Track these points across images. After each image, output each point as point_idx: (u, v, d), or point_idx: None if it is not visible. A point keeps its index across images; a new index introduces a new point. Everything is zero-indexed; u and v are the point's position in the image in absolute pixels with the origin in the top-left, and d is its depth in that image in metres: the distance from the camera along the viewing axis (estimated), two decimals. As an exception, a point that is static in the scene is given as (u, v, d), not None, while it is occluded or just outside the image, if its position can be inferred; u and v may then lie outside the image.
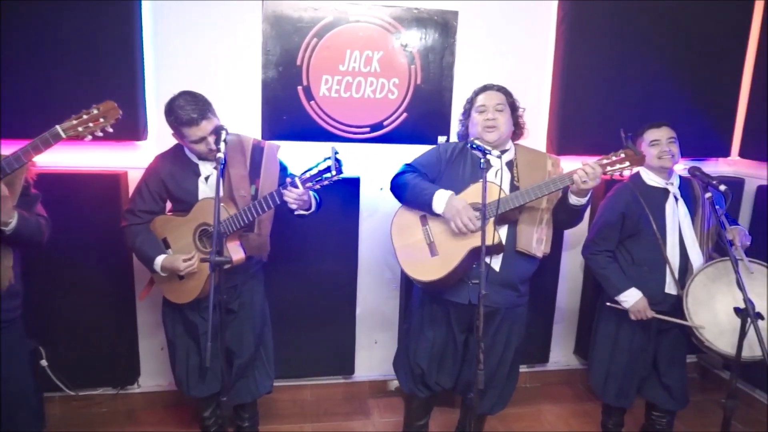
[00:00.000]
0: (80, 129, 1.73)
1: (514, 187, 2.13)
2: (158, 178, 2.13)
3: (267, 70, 2.65)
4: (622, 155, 1.96)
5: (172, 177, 2.12)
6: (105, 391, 2.80)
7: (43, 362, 2.56)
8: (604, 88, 2.89)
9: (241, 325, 2.28)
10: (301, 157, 2.50)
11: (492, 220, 1.93)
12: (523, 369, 3.20)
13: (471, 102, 2.26)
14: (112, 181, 2.52)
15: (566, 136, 2.88)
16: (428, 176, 2.22)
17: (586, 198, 2.05)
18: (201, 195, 2.11)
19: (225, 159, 1.82)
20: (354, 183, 2.77)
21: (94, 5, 2.36)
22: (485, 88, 2.25)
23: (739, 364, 1.95)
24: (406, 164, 2.29)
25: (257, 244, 2.18)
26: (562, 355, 3.31)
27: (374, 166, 2.78)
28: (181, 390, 2.35)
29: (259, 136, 2.64)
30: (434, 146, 2.32)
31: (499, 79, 2.83)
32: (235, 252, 2.07)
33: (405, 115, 2.81)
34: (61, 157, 2.44)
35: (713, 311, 2.19)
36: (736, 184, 3.09)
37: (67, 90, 2.39)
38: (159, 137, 2.51)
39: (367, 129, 2.80)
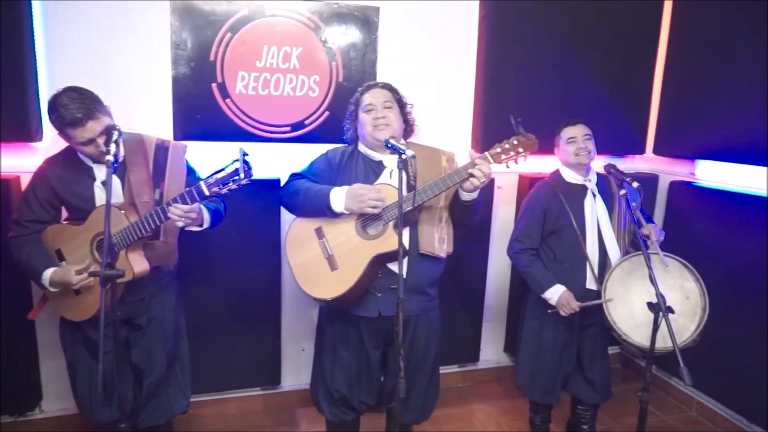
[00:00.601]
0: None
1: (410, 187, 2.03)
2: (47, 183, 1.93)
3: (177, 66, 2.49)
4: (515, 142, 1.94)
5: (63, 182, 1.93)
6: (2, 420, 2.53)
7: (-77, 392, 2.29)
8: (524, 87, 2.92)
9: (150, 342, 2.11)
10: (217, 158, 2.35)
11: (391, 224, 1.88)
12: (453, 369, 3.20)
13: (356, 103, 2.15)
14: (2, 187, 2.28)
15: (489, 133, 2.87)
16: (320, 184, 2.11)
17: (476, 193, 2.01)
18: (98, 201, 1.93)
19: (116, 162, 1.65)
20: (275, 184, 2.65)
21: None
22: (369, 87, 2.15)
23: (652, 357, 2.00)
24: (294, 173, 2.17)
25: (163, 253, 2.01)
26: (492, 353, 3.32)
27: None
28: (85, 415, 2.15)
29: (170, 137, 2.47)
30: (323, 152, 2.20)
31: (423, 77, 2.83)
32: (138, 263, 1.90)
33: (327, 113, 2.72)
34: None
35: (629, 305, 2.24)
36: (650, 180, 3.21)
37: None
38: (56, 139, 2.25)
39: (288, 128, 2.69)
